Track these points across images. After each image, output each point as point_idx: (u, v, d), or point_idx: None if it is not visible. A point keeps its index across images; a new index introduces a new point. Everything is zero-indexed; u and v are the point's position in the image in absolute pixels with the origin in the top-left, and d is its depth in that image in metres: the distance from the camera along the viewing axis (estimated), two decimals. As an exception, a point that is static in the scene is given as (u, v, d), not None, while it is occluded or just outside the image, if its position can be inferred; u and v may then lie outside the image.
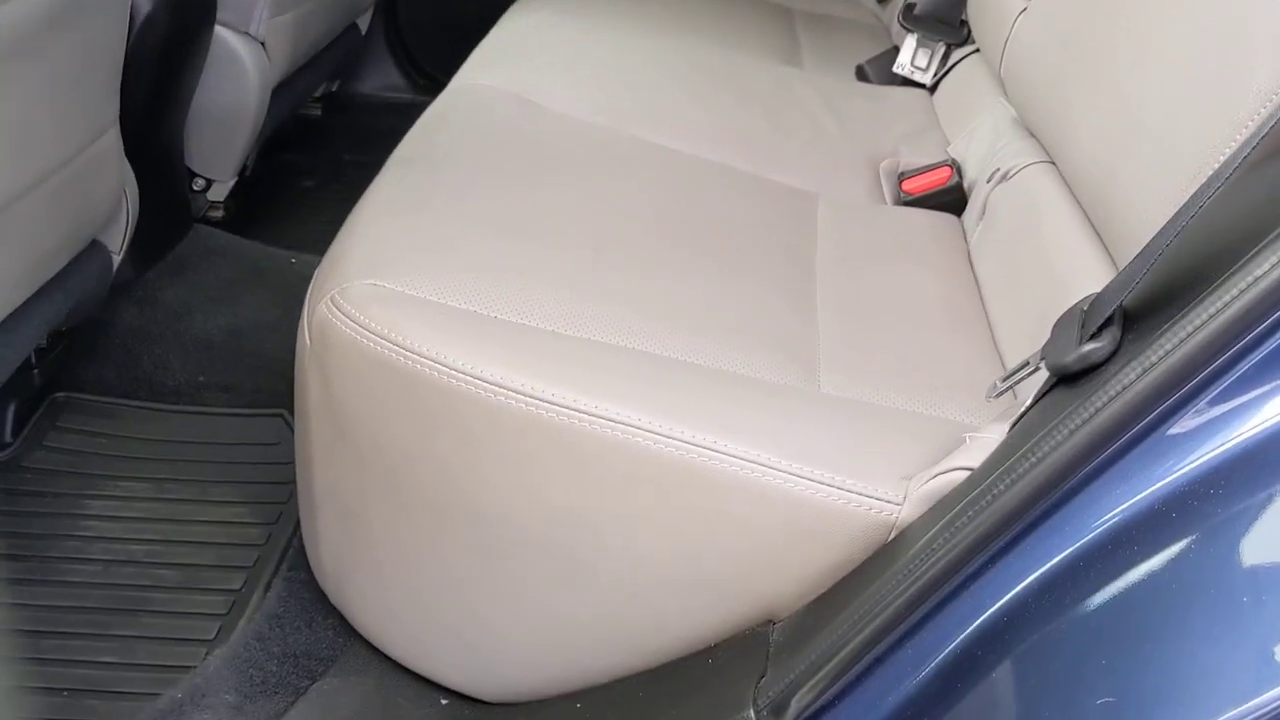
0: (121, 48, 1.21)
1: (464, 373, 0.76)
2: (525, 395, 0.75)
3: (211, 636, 1.07)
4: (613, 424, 0.73)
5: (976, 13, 1.38)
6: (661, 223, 1.01)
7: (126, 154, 1.31)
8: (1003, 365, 0.90)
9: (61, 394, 1.34)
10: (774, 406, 0.78)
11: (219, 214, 1.65)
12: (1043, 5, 1.12)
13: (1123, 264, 0.79)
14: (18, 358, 1.18)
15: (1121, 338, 0.62)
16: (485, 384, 0.75)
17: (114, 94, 1.22)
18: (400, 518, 0.84)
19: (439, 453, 0.79)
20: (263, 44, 1.54)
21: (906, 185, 1.17)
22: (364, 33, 2.05)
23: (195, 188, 1.61)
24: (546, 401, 0.74)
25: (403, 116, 1.51)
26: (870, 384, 0.84)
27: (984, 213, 1.09)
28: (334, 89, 2.10)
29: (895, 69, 1.46)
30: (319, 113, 2.08)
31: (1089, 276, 0.84)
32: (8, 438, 1.27)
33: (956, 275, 1.04)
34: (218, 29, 1.49)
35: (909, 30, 1.46)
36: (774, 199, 1.13)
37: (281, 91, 1.65)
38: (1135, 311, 0.65)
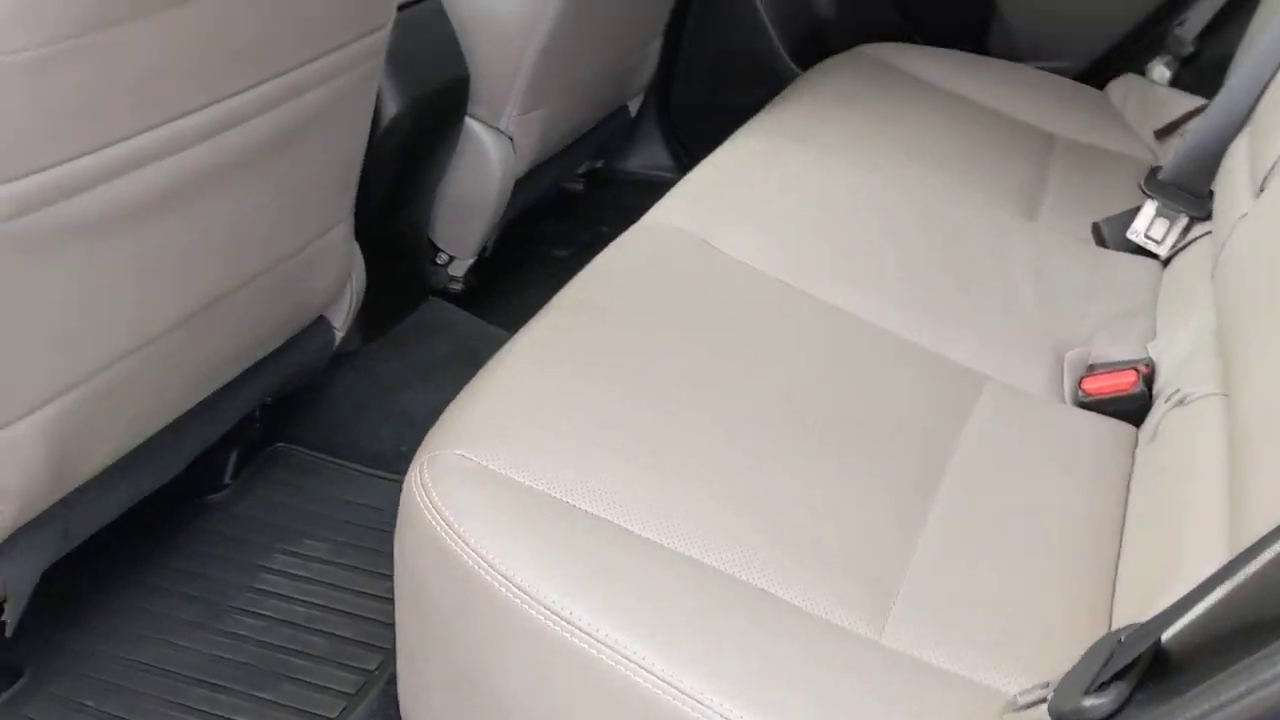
0: (362, 149, 1.32)
1: (523, 590, 0.76)
2: (579, 630, 0.74)
3: (334, 716, 1.16)
4: (657, 681, 0.72)
5: (1219, 191, 1.26)
6: (796, 399, 1.00)
7: (365, 234, 1.44)
8: (1108, 622, 0.83)
9: (281, 444, 1.48)
10: (820, 662, 0.75)
11: (457, 287, 1.76)
12: (1262, 216, 1.01)
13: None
14: (236, 417, 1.32)
15: (1130, 697, 0.56)
16: (544, 609, 0.75)
17: (349, 190, 1.34)
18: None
19: (503, 661, 0.79)
20: (510, 139, 1.63)
21: (1087, 384, 1.09)
22: (633, 115, 2.12)
23: (438, 261, 1.73)
24: (601, 643, 0.73)
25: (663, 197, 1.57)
26: (940, 635, 0.80)
27: (1154, 436, 1.00)
28: (598, 165, 2.19)
29: (1129, 234, 1.36)
30: (580, 187, 2.17)
31: (1208, 560, 0.76)
32: (226, 479, 1.42)
33: (1105, 501, 0.96)
34: (467, 120, 1.60)
35: (1149, 196, 1.35)
36: (935, 379, 1.09)
37: (530, 179, 1.75)
38: (1172, 656, 0.59)
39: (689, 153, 2.24)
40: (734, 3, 2.07)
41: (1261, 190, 1.10)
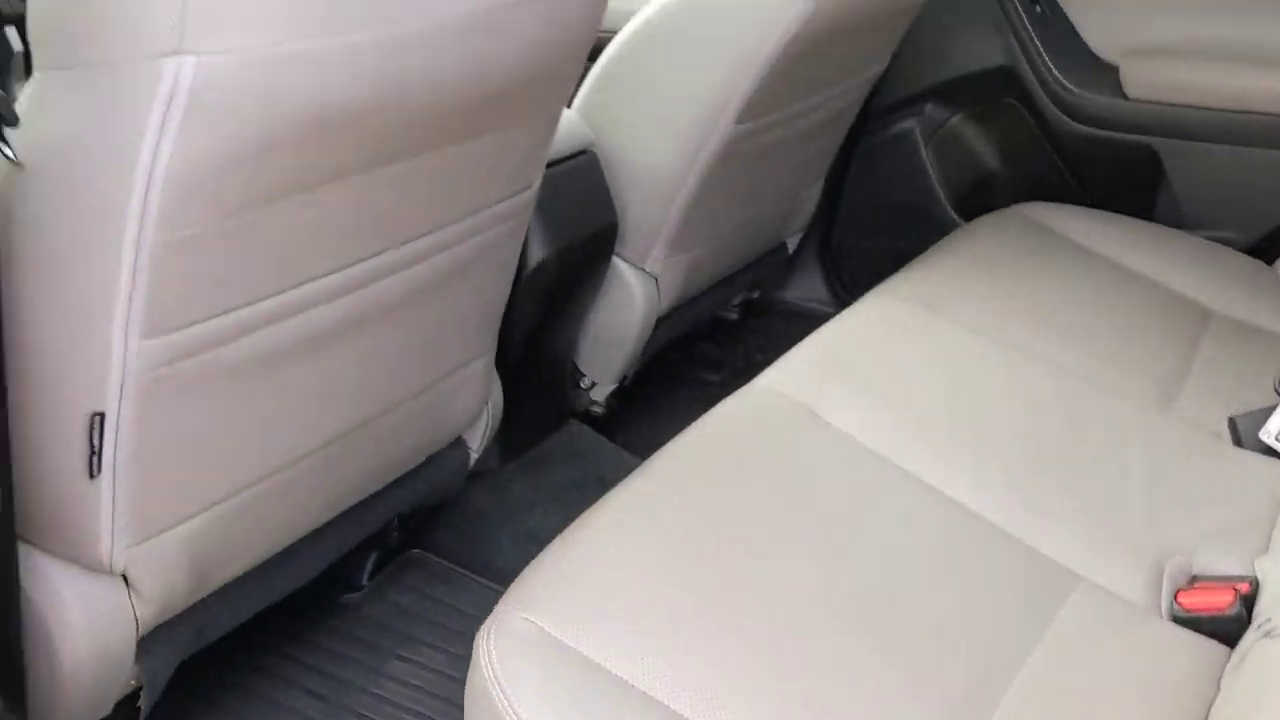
0: (507, 291, 1.42)
1: None
2: None
3: (420, 828, 1.24)
4: None
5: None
6: (873, 589, 1.02)
7: (508, 360, 1.54)
8: None
9: (417, 551, 1.59)
10: None
11: (599, 409, 1.85)
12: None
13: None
14: (373, 528, 1.43)
15: None
16: None
17: (493, 327, 1.44)
18: None
19: None
20: (655, 279, 1.71)
21: (1183, 598, 1.06)
22: (791, 251, 2.17)
23: (580, 385, 1.82)
24: None
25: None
26: None
27: (1240, 663, 0.97)
28: (754, 296, 2.25)
29: (1261, 435, 1.32)
30: (736, 316, 2.23)
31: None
32: (363, 581, 1.53)
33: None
34: (613, 259, 1.69)
35: (1284, 398, 1.31)
36: (1025, 576, 1.09)
37: (675, 314, 1.82)
38: None
39: (847, 289, 2.28)
40: (899, 152, 2.11)
41: None
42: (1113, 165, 1.99)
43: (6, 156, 0.87)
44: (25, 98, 0.89)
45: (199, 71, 0.81)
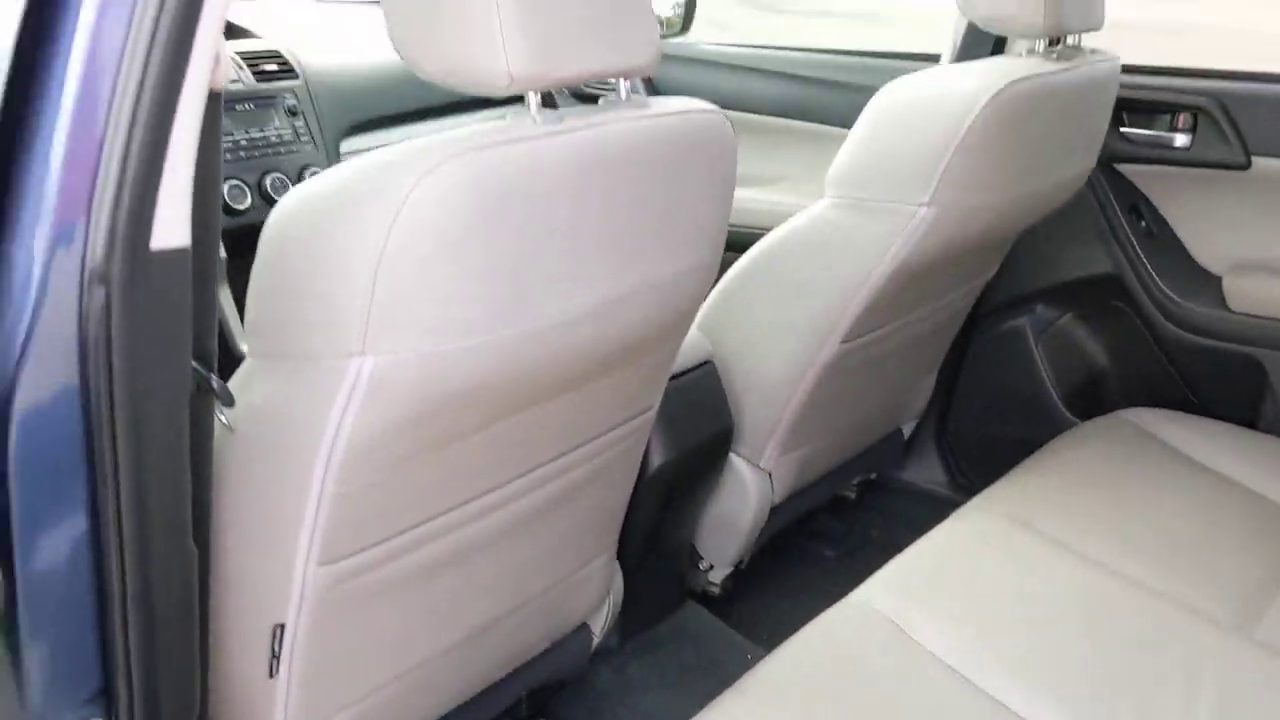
0: (628, 496, 1.60)
1: None
2: None
3: None
4: None
5: None
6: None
7: (629, 551, 1.70)
8: None
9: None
10: None
11: (715, 590, 1.99)
12: None
13: None
14: (500, 708, 1.59)
15: None
16: None
17: (614, 529, 1.61)
18: None
19: None
20: (769, 474, 1.87)
21: (1238, 839, 1.13)
22: (906, 437, 2.29)
23: (699, 566, 1.97)
24: None
25: (937, 508, 1.71)
26: None
27: None
28: (871, 477, 2.37)
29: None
30: (853, 494, 2.35)
31: None
32: (492, 756, 1.69)
33: None
34: (730, 456, 1.85)
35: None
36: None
37: (792, 501, 1.96)
38: None
39: (964, 473, 2.38)
40: (1010, 348, 2.23)
41: None
42: (1218, 372, 2.05)
43: (222, 423, 1.10)
44: (238, 375, 1.11)
45: (376, 368, 1.02)
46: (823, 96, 2.43)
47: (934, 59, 2.27)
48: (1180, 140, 2.00)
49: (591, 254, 1.12)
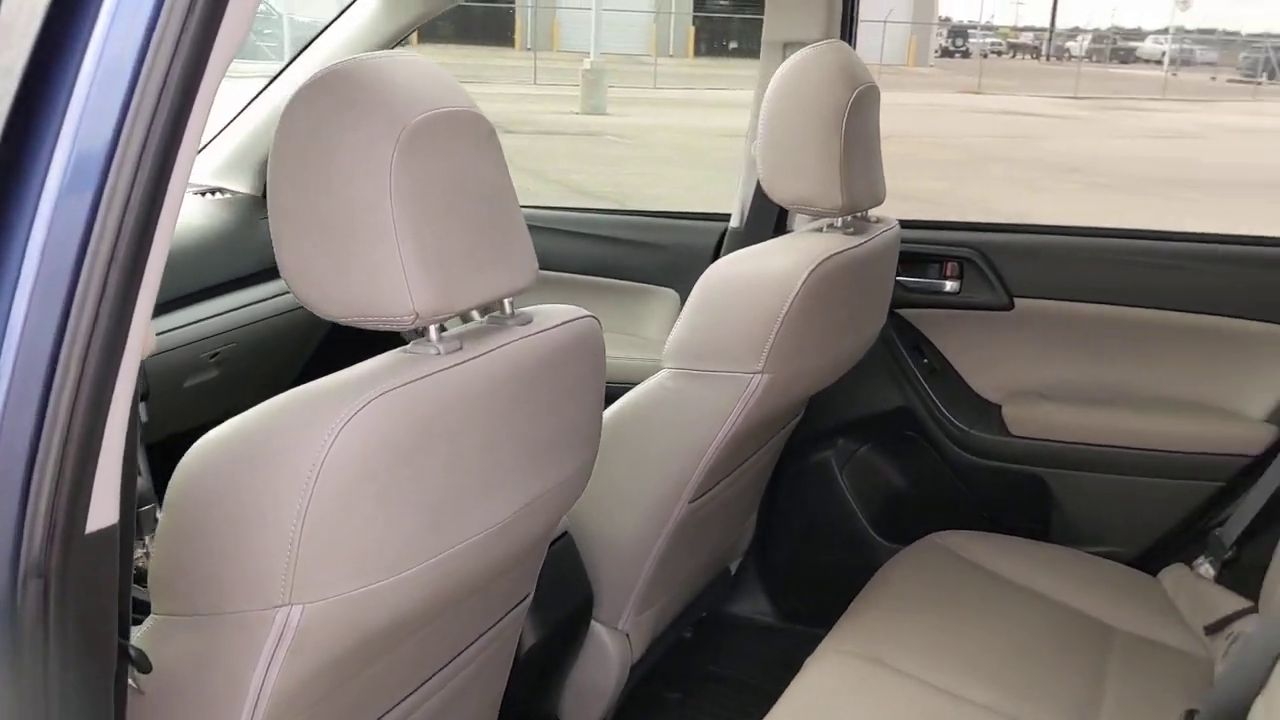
0: (505, 676, 1.60)
1: None
2: None
3: None
4: None
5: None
6: None
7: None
8: None
9: None
10: None
11: (580, 752, 2.00)
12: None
13: None
14: None
15: None
16: None
17: (493, 710, 1.61)
18: None
19: None
20: (627, 635, 1.91)
21: None
22: (733, 573, 2.40)
23: (562, 730, 1.98)
24: None
25: (765, 636, 1.78)
26: None
27: None
28: (704, 615, 2.45)
29: (1169, 766, 1.54)
30: (689, 634, 2.42)
31: None
32: None
33: None
34: (591, 623, 1.88)
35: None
36: None
37: (647, 656, 2.02)
38: None
39: (787, 599, 2.50)
40: (819, 478, 2.38)
41: None
42: (1008, 491, 2.28)
43: (132, 686, 1.05)
44: (142, 632, 1.07)
45: (304, 616, 1.01)
46: (622, 253, 2.56)
47: (723, 217, 2.44)
48: (950, 286, 2.24)
49: (502, 471, 1.17)
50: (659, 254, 2.52)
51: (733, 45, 33.97)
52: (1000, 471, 2.26)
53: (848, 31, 2.17)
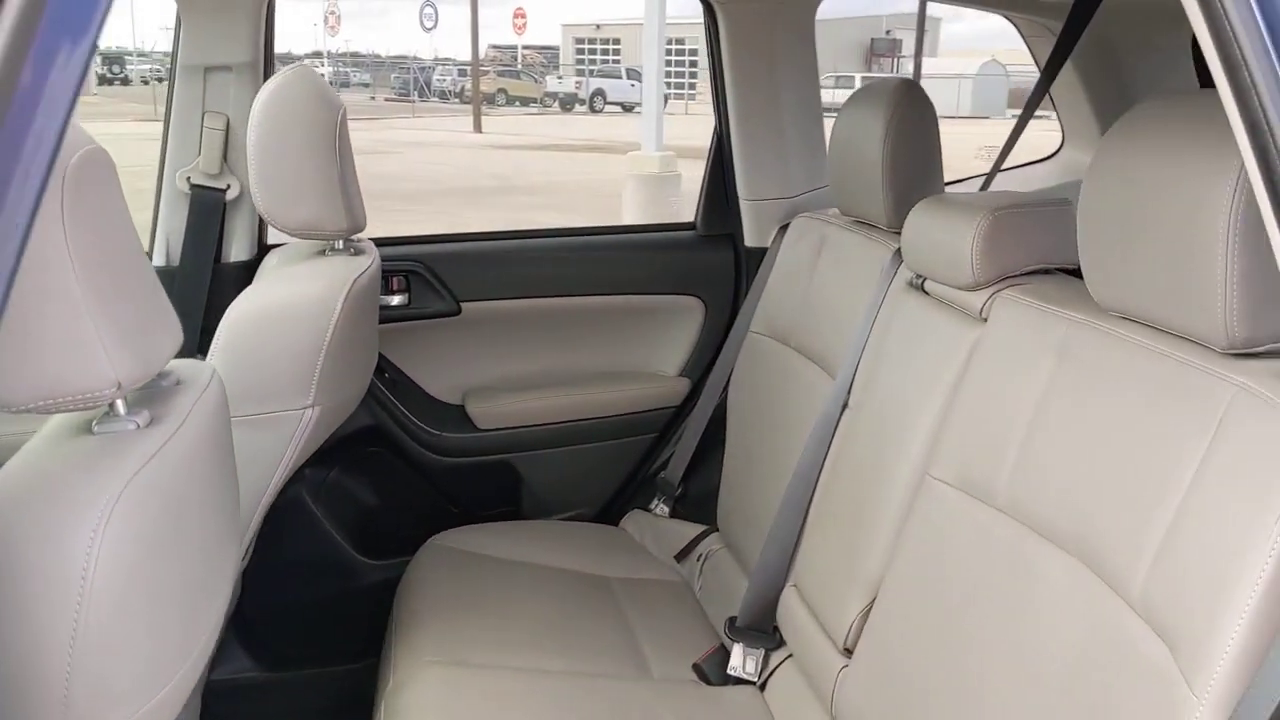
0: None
1: None
2: None
3: None
4: None
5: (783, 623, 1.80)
6: None
7: None
8: None
9: None
10: None
11: None
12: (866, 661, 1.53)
13: None
14: None
15: None
16: None
17: None
18: None
19: None
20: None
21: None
22: (219, 635, 2.22)
23: None
24: None
25: (256, 697, 1.65)
26: None
27: None
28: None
29: (729, 671, 1.83)
30: None
31: None
32: None
33: None
34: None
35: (734, 640, 1.84)
36: None
37: None
38: None
39: (271, 652, 2.38)
40: (294, 516, 2.30)
41: None
42: (484, 482, 2.42)
43: None
44: None
45: None
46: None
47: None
48: (398, 300, 2.31)
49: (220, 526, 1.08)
50: None
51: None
52: (474, 466, 2.39)
53: (269, 54, 2.11)
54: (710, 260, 2.46)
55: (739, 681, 1.84)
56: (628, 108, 33.25)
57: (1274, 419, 1.02)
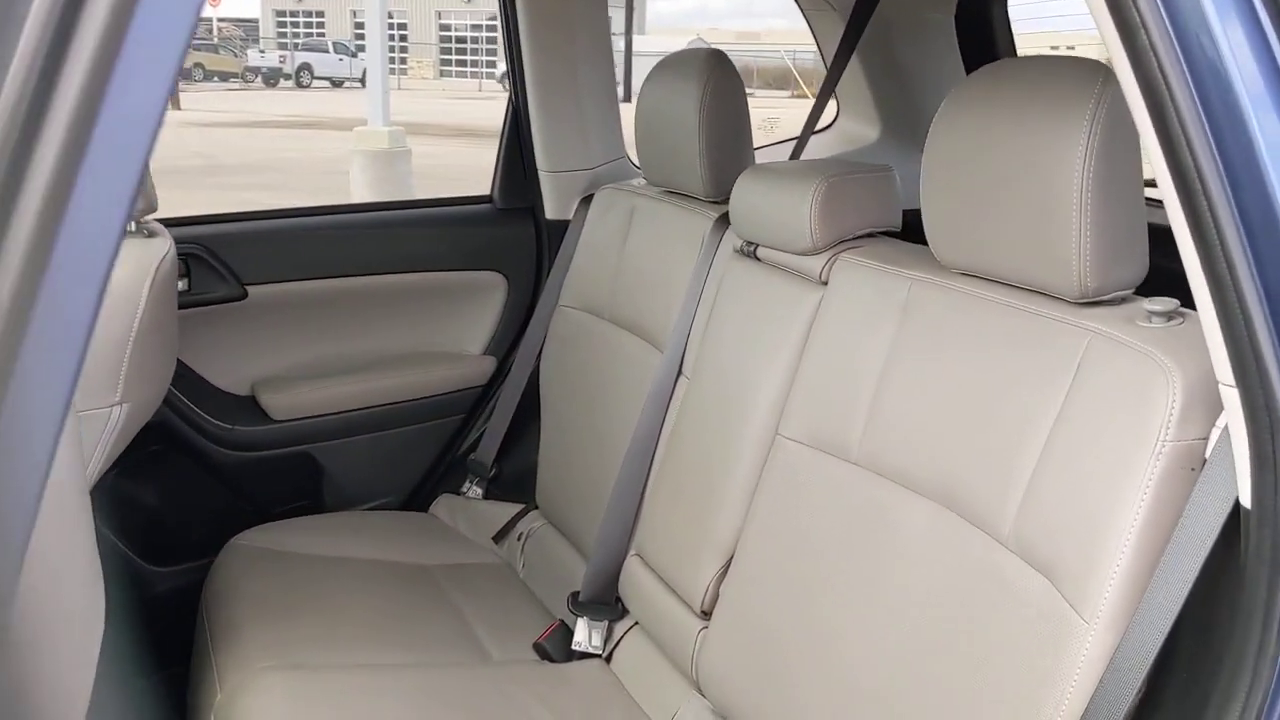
0: None
1: None
2: None
3: None
4: None
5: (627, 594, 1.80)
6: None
7: None
8: None
9: None
10: None
11: None
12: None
13: None
14: None
15: None
16: None
17: None
18: None
19: None
20: None
21: None
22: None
23: None
24: None
25: None
26: None
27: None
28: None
29: (574, 646, 1.82)
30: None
31: None
32: None
33: None
34: None
35: (577, 615, 1.83)
36: None
37: None
38: None
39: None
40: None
41: None
42: (282, 475, 2.28)
43: None
44: None
45: None
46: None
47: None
48: (178, 285, 2.13)
49: None
50: None
51: None
52: (269, 460, 2.25)
53: None
54: (510, 234, 2.42)
55: (584, 656, 1.83)
56: (337, 83, 32.15)
57: (1132, 359, 1.11)
